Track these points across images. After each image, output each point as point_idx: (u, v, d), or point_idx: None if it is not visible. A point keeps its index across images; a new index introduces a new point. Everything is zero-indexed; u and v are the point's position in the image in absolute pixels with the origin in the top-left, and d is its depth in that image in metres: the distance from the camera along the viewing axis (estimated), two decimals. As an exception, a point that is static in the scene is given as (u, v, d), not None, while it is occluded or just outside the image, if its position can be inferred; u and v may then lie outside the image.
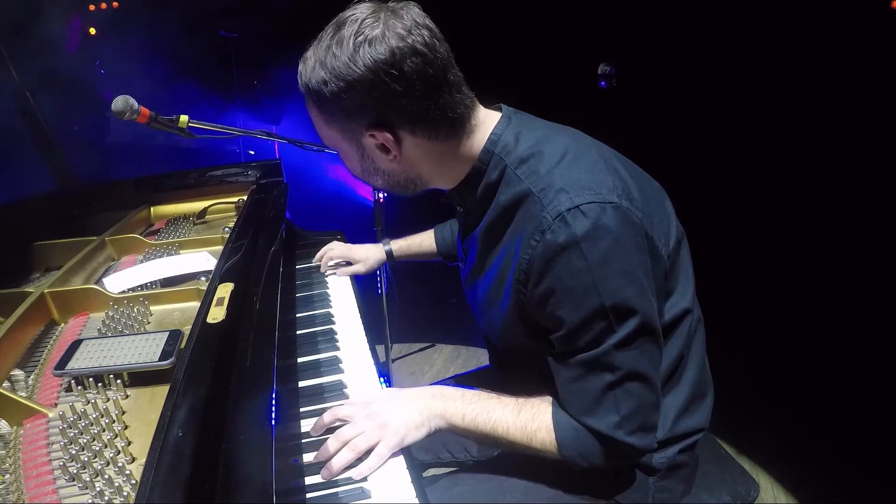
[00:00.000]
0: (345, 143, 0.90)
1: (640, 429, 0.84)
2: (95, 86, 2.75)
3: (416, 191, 0.97)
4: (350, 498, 0.82)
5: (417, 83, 0.80)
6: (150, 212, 1.88)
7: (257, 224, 1.45)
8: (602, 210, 0.79)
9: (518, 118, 0.94)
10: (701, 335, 1.00)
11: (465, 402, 0.91)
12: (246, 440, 0.68)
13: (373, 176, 0.94)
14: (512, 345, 0.99)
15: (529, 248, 0.83)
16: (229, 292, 1.02)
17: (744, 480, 1.10)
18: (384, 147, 0.87)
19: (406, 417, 0.88)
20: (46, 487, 0.73)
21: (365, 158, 0.91)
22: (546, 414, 0.89)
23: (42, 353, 1.05)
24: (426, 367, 2.82)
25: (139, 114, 1.36)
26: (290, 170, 2.01)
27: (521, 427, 0.89)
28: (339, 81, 0.80)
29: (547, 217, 0.80)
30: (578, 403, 0.85)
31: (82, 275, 1.34)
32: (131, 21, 2.82)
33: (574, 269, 0.79)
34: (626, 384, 0.82)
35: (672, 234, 0.92)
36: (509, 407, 0.90)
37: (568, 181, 0.82)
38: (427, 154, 0.89)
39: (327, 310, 1.39)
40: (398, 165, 0.90)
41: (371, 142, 0.86)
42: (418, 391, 0.93)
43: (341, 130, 0.88)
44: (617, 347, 0.80)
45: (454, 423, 0.90)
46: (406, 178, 0.93)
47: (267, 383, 0.80)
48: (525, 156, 0.88)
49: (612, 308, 0.79)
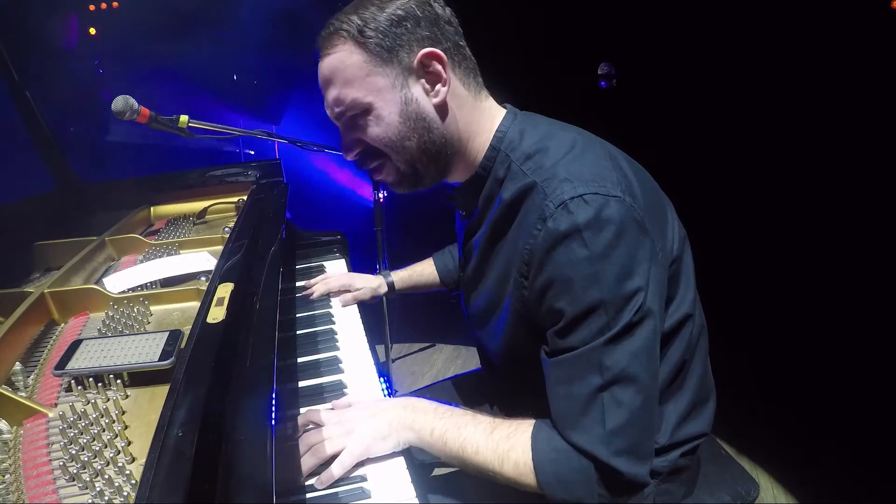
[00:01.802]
0: (388, 93, 0.85)
1: (629, 451, 0.77)
2: (95, 86, 2.75)
3: (436, 175, 0.93)
4: (350, 498, 0.82)
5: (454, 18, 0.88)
6: (150, 212, 1.89)
7: (257, 224, 1.45)
8: (605, 202, 0.77)
9: (523, 116, 0.94)
10: (704, 341, 0.98)
11: (436, 416, 0.88)
12: (246, 440, 0.68)
13: (408, 136, 0.88)
14: (512, 357, 0.96)
15: (531, 239, 0.81)
16: (229, 292, 1.02)
17: (744, 480, 1.10)
18: (431, 77, 0.86)
19: (373, 427, 0.87)
20: (46, 487, 0.73)
21: (408, 103, 0.86)
22: (524, 434, 0.83)
23: (42, 353, 1.05)
24: (426, 367, 2.82)
25: (139, 114, 1.36)
26: (290, 170, 2.01)
27: (492, 447, 0.82)
28: (384, 10, 0.83)
29: (549, 205, 0.79)
30: (564, 412, 0.80)
31: (82, 275, 1.34)
32: (131, 21, 2.82)
33: (575, 257, 0.76)
34: (615, 389, 0.76)
35: (674, 240, 0.90)
36: (483, 425, 0.85)
37: (572, 172, 0.81)
38: (458, 103, 0.89)
39: (327, 310, 1.39)
40: (439, 108, 0.87)
41: (419, 73, 0.85)
42: (394, 401, 0.92)
43: (387, 70, 0.84)
44: (608, 343, 0.76)
45: (423, 437, 0.87)
46: (441, 136, 0.89)
47: (267, 383, 0.80)
48: (531, 151, 0.87)
49: (610, 302, 0.76)
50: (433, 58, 0.84)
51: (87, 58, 2.88)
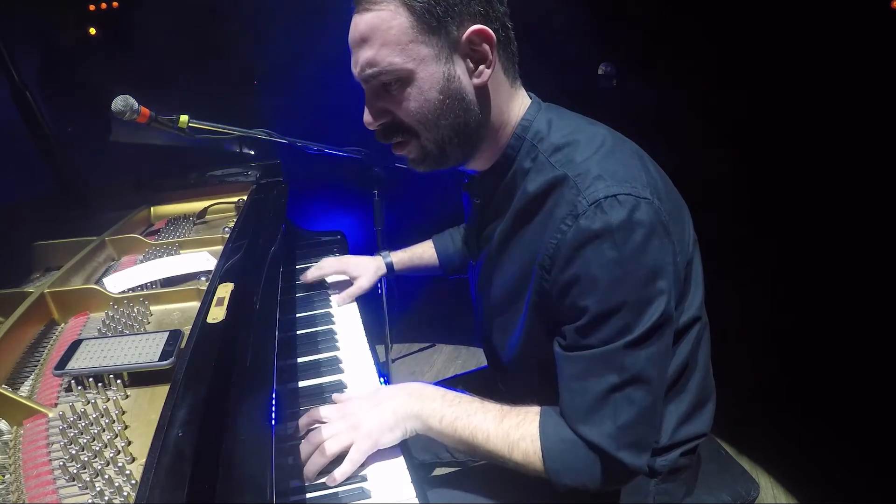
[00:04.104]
0: (431, 64, 0.81)
1: (634, 445, 0.80)
2: (96, 86, 2.75)
3: (461, 158, 0.91)
4: (350, 498, 0.82)
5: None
6: (150, 212, 1.88)
7: (257, 224, 1.45)
8: (637, 203, 0.77)
9: (547, 107, 0.92)
10: (706, 342, 0.98)
11: (444, 403, 0.86)
12: (246, 440, 0.68)
13: (445, 115, 0.84)
14: (523, 351, 0.95)
15: (559, 233, 0.80)
16: (229, 292, 1.02)
17: (744, 480, 1.10)
18: (477, 57, 0.82)
19: (379, 418, 0.85)
20: (46, 487, 0.73)
21: (450, 80, 0.82)
22: (532, 423, 0.84)
23: (42, 353, 1.05)
24: (426, 367, 2.82)
25: (139, 114, 1.36)
26: (290, 170, 2.01)
27: (502, 435, 0.83)
28: None
29: (582, 202, 0.78)
30: (576, 406, 0.81)
31: (82, 275, 1.34)
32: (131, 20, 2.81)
33: (604, 259, 0.76)
34: (629, 389, 0.78)
35: (689, 243, 0.90)
36: (492, 413, 0.86)
37: (606, 170, 0.80)
38: (496, 87, 0.85)
39: (327, 310, 1.39)
40: (479, 90, 0.84)
41: (466, 50, 0.81)
42: (397, 389, 0.89)
43: (434, 40, 0.80)
44: (629, 347, 0.77)
45: (430, 426, 0.86)
46: (476, 121, 0.86)
47: (267, 383, 0.80)
48: (560, 144, 0.86)
49: (634, 304, 0.76)
50: (483, 36, 0.80)
51: (87, 58, 2.87)
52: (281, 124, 1.46)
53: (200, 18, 2.52)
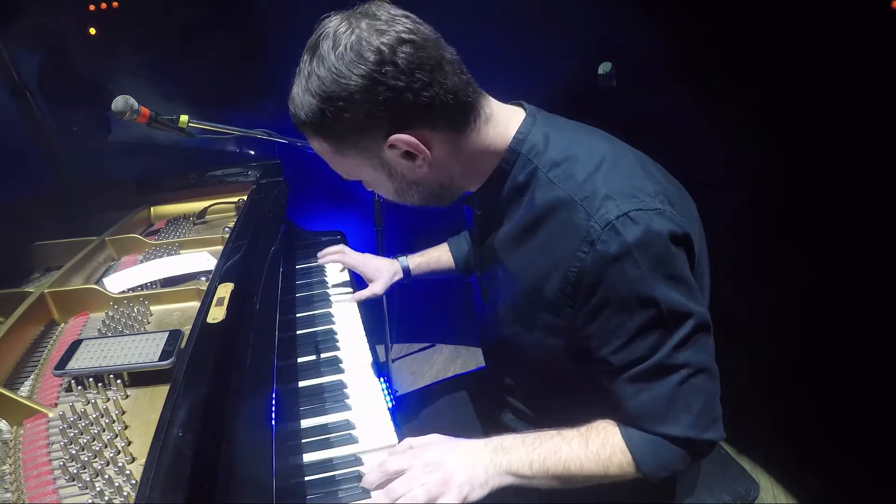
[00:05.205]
0: (368, 169, 0.85)
1: (713, 422, 0.84)
2: (96, 85, 2.75)
3: (452, 199, 0.94)
4: (350, 498, 0.82)
5: (417, 72, 0.74)
6: (150, 212, 1.89)
7: (257, 224, 1.45)
8: (650, 217, 0.77)
9: (543, 117, 0.91)
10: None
11: (527, 449, 0.85)
12: (246, 440, 0.68)
13: (407, 193, 0.89)
14: (535, 368, 0.96)
15: (577, 262, 0.80)
16: (229, 292, 1.02)
17: (744, 480, 1.11)
18: (409, 154, 0.81)
19: (470, 474, 0.81)
20: (46, 487, 0.73)
21: (394, 176, 0.85)
22: (615, 436, 0.85)
23: (42, 353, 1.05)
24: (426, 367, 2.82)
25: (139, 114, 1.36)
26: (290, 170, 2.01)
27: (593, 458, 0.84)
28: (335, 101, 0.75)
29: (595, 227, 0.78)
30: (650, 415, 0.82)
31: (82, 275, 1.34)
32: (131, 20, 2.82)
33: (629, 277, 0.77)
34: (693, 380, 0.81)
35: (699, 239, 0.90)
36: (575, 441, 0.86)
37: (612, 188, 0.79)
38: (451, 150, 0.84)
39: (327, 310, 1.39)
40: (428, 171, 0.84)
41: (393, 154, 0.81)
42: (479, 445, 0.86)
43: (359, 154, 0.82)
44: (677, 348, 0.79)
45: (523, 475, 0.84)
46: (439, 185, 0.89)
47: (267, 383, 0.80)
48: (558, 159, 0.85)
49: (668, 312, 0.78)
50: (402, 142, 0.79)
51: (87, 58, 2.87)
52: (281, 124, 1.46)
53: (201, 18, 2.52)
